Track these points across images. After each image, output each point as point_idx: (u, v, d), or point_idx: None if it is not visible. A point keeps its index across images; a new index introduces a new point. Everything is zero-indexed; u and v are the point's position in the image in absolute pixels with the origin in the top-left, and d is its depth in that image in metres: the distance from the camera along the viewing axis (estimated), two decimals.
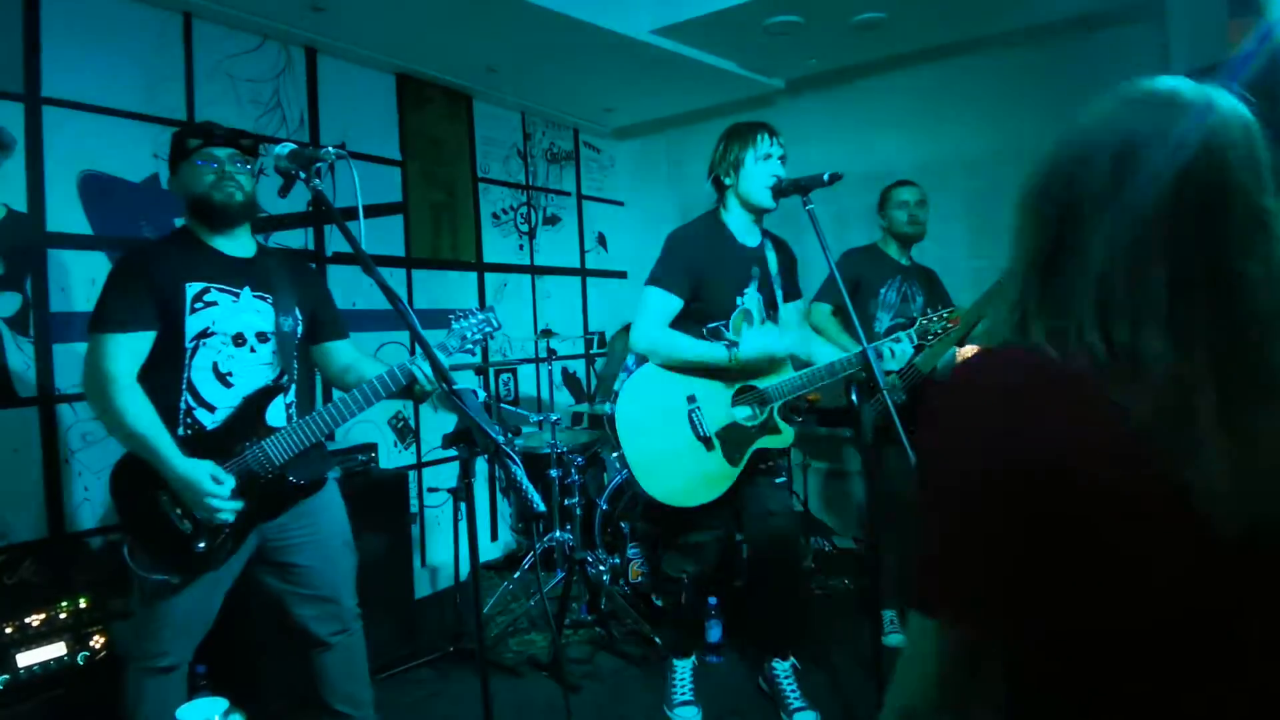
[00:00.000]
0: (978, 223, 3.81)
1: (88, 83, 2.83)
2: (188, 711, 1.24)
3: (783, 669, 2.61)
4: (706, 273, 2.44)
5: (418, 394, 1.96)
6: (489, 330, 2.12)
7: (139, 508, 1.84)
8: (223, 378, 1.92)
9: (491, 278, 4.46)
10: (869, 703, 2.28)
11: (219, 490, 1.80)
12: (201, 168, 1.91)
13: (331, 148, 1.72)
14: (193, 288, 1.90)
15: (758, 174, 2.42)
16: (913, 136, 4.03)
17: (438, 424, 4.08)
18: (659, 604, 3.31)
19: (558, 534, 3.54)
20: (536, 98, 4.49)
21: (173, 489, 1.81)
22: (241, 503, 1.85)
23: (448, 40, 3.57)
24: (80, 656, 2.38)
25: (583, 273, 5.11)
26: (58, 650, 2.34)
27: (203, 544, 1.83)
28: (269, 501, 1.93)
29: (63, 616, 2.38)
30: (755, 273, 2.53)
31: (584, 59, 3.81)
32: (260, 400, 1.93)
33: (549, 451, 3.40)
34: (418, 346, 1.68)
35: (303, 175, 1.67)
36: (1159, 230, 0.69)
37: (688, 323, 2.46)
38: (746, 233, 2.53)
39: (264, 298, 1.99)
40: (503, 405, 4.42)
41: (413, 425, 4.00)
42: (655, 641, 3.08)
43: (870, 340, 2.62)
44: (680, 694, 2.62)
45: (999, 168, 3.36)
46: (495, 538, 4.37)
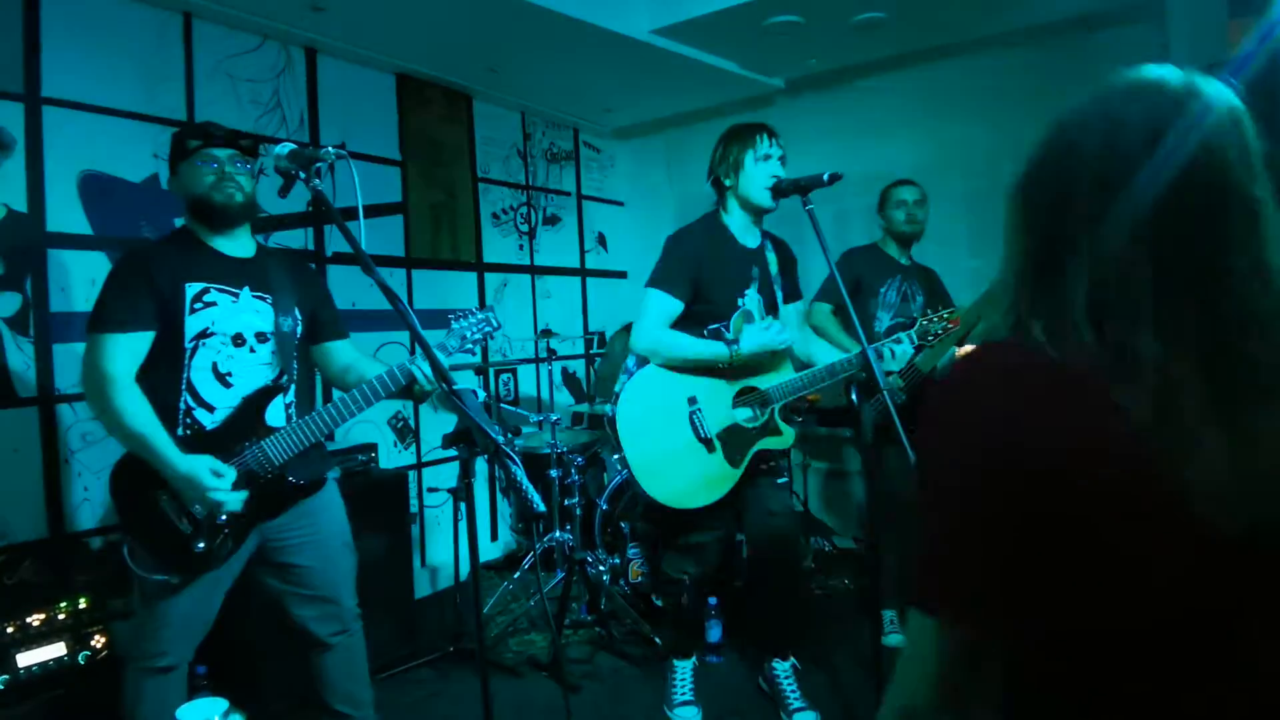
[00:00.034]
0: (978, 223, 3.81)
1: (88, 83, 2.83)
2: (187, 712, 1.24)
3: (783, 669, 2.61)
4: (707, 274, 2.44)
5: (417, 394, 1.96)
6: (489, 330, 2.12)
7: (139, 508, 1.84)
8: (222, 378, 1.92)
9: (491, 278, 4.46)
10: (869, 703, 2.28)
11: (220, 484, 1.80)
12: (201, 168, 1.91)
13: (331, 148, 1.72)
14: (192, 288, 1.90)
15: (757, 175, 2.42)
16: (913, 136, 4.03)
17: (438, 424, 4.08)
18: (659, 604, 3.31)
19: (558, 534, 3.54)
20: (536, 98, 4.49)
21: (173, 488, 1.81)
22: (246, 492, 1.85)
23: (448, 40, 3.57)
24: (80, 656, 2.38)
25: (583, 273, 5.11)
26: (58, 650, 2.34)
27: (202, 544, 1.83)
28: (268, 502, 1.93)
29: (62, 616, 2.39)
30: (755, 274, 2.53)
31: (584, 59, 3.81)
32: (260, 400, 1.93)
33: (549, 451, 3.40)
34: (417, 346, 1.68)
35: (303, 175, 1.67)
36: (1152, 230, 0.69)
37: (688, 324, 2.46)
38: (746, 234, 2.53)
39: (263, 298, 1.99)
40: (503, 405, 4.42)
41: (413, 425, 4.00)
42: (655, 641, 3.08)
43: (870, 340, 2.62)
44: (680, 694, 2.62)
45: (999, 168, 3.36)
46: (495, 538, 4.37)
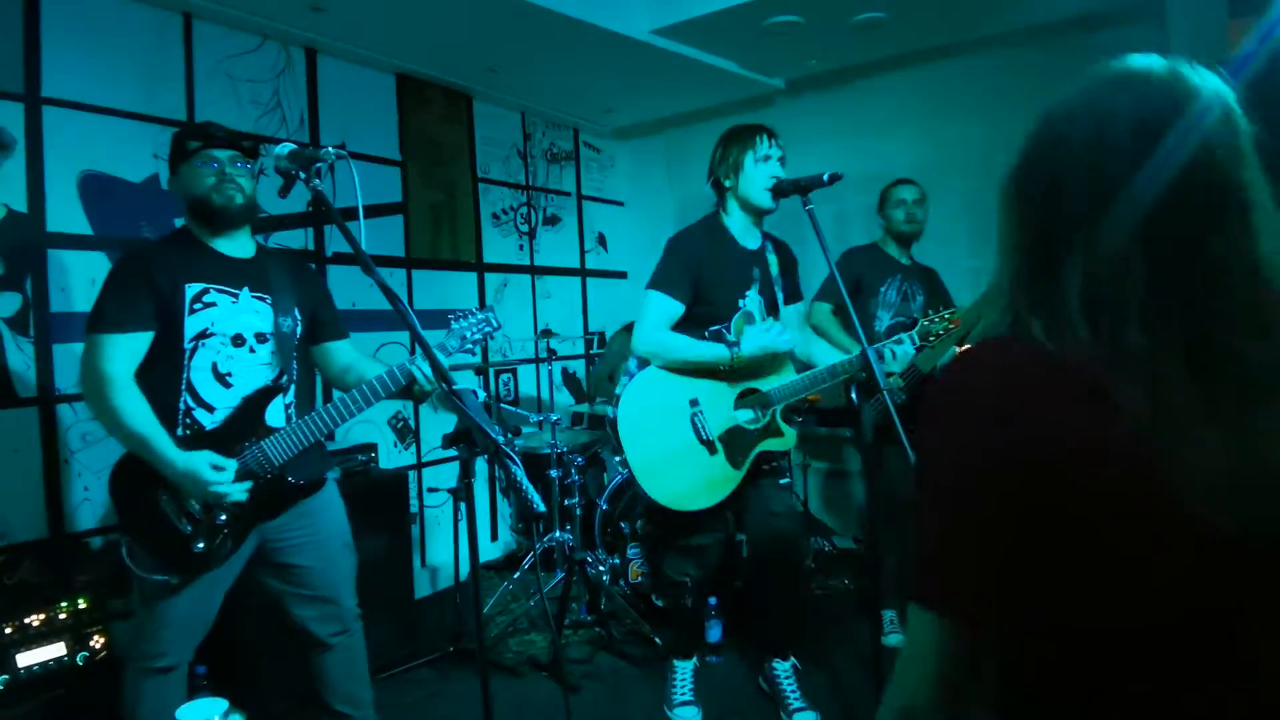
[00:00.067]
0: (978, 222, 3.81)
1: (88, 83, 2.83)
2: (187, 712, 1.24)
3: (783, 669, 2.61)
4: (707, 276, 2.44)
5: (417, 394, 1.96)
6: (489, 330, 2.12)
7: (138, 508, 1.84)
8: (222, 378, 1.92)
9: (491, 278, 4.46)
10: (869, 703, 2.28)
11: (221, 477, 1.80)
12: (202, 170, 1.90)
13: (331, 148, 1.72)
14: (192, 288, 1.90)
15: (757, 176, 2.42)
16: (913, 136, 4.03)
17: (437, 424, 4.08)
18: (659, 604, 3.31)
19: (558, 534, 3.54)
20: (536, 98, 4.49)
21: (174, 486, 1.82)
22: (250, 482, 1.85)
23: (448, 40, 3.57)
24: (80, 657, 2.38)
25: (583, 273, 5.11)
26: (57, 650, 2.34)
27: (201, 544, 1.83)
28: (268, 502, 1.93)
29: (62, 617, 2.39)
30: (756, 275, 2.53)
31: (584, 59, 3.81)
32: (259, 401, 1.93)
33: (549, 452, 3.40)
34: (417, 346, 1.68)
35: (303, 175, 1.67)
36: (1142, 223, 0.68)
37: (689, 326, 2.46)
38: (747, 235, 2.53)
39: (263, 298, 1.99)
40: (503, 405, 4.42)
41: (412, 425, 3.99)
42: (655, 641, 3.08)
43: (870, 340, 2.62)
44: (680, 694, 2.62)
45: (999, 167, 3.35)
46: (495, 538, 4.37)
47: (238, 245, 2.00)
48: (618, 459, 3.35)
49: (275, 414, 1.96)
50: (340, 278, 3.52)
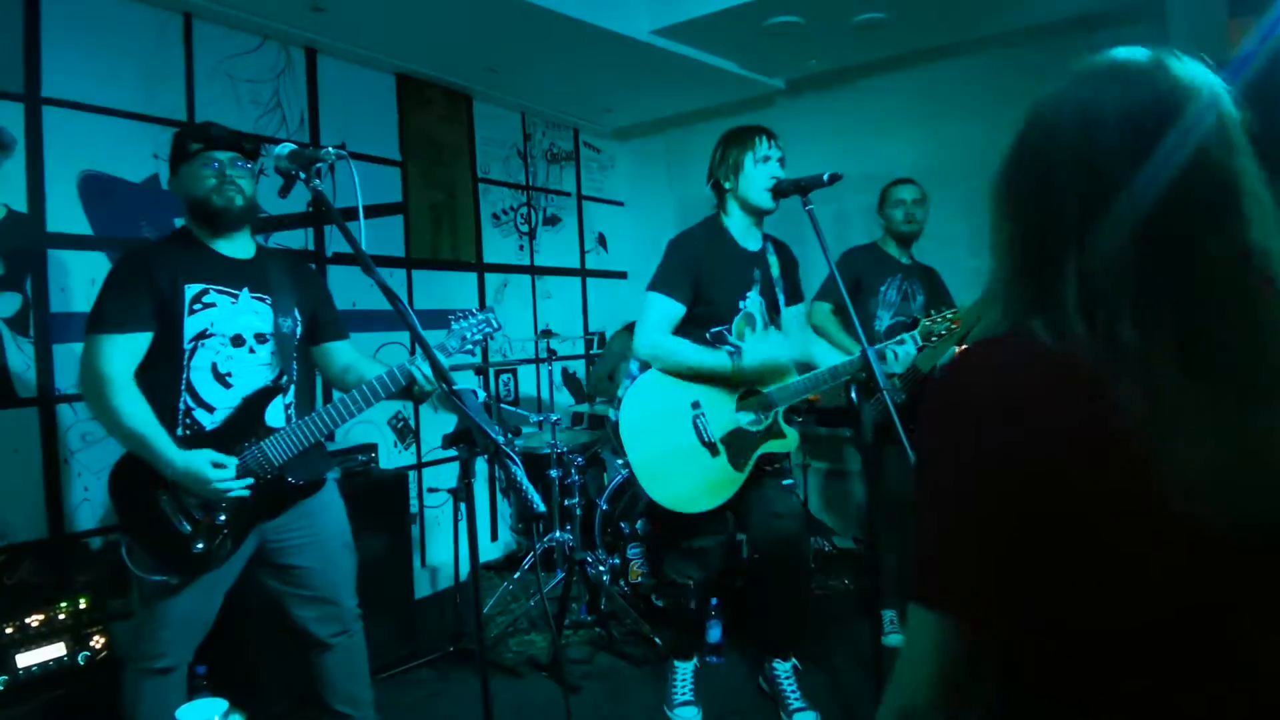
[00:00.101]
0: (978, 222, 3.75)
1: (88, 83, 2.83)
2: (187, 712, 1.24)
3: (783, 669, 2.61)
4: (708, 277, 2.44)
5: (417, 394, 1.96)
6: (489, 331, 2.12)
7: (138, 508, 1.84)
8: (222, 378, 1.92)
9: (491, 278, 4.45)
10: (869, 703, 2.28)
11: (222, 474, 1.80)
12: (202, 171, 1.90)
13: (331, 148, 1.72)
14: (191, 289, 1.90)
15: (757, 176, 2.42)
16: (913, 136, 4.03)
17: (438, 424, 4.08)
18: (659, 604, 3.31)
19: (558, 534, 3.54)
20: (536, 98, 4.49)
21: (174, 487, 1.82)
22: (250, 479, 1.85)
23: (448, 40, 3.57)
24: (80, 657, 2.38)
25: (583, 273, 5.11)
26: (57, 651, 2.34)
27: (201, 545, 1.83)
28: (268, 502, 1.93)
29: (62, 617, 2.38)
30: (757, 276, 2.53)
31: (584, 59, 3.81)
32: (259, 401, 1.93)
33: (549, 452, 3.40)
34: (417, 347, 1.68)
35: (303, 176, 1.67)
36: (1133, 217, 0.68)
37: (690, 327, 2.45)
38: (747, 236, 2.53)
39: (263, 299, 1.99)
40: (503, 405, 4.42)
41: (413, 425, 3.99)
42: (655, 641, 3.08)
43: (870, 339, 2.62)
44: (680, 694, 2.62)
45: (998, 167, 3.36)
46: (495, 538, 4.37)
47: (238, 246, 2.00)
48: (620, 461, 3.36)
49: (275, 414, 1.96)
50: (340, 278, 3.52)
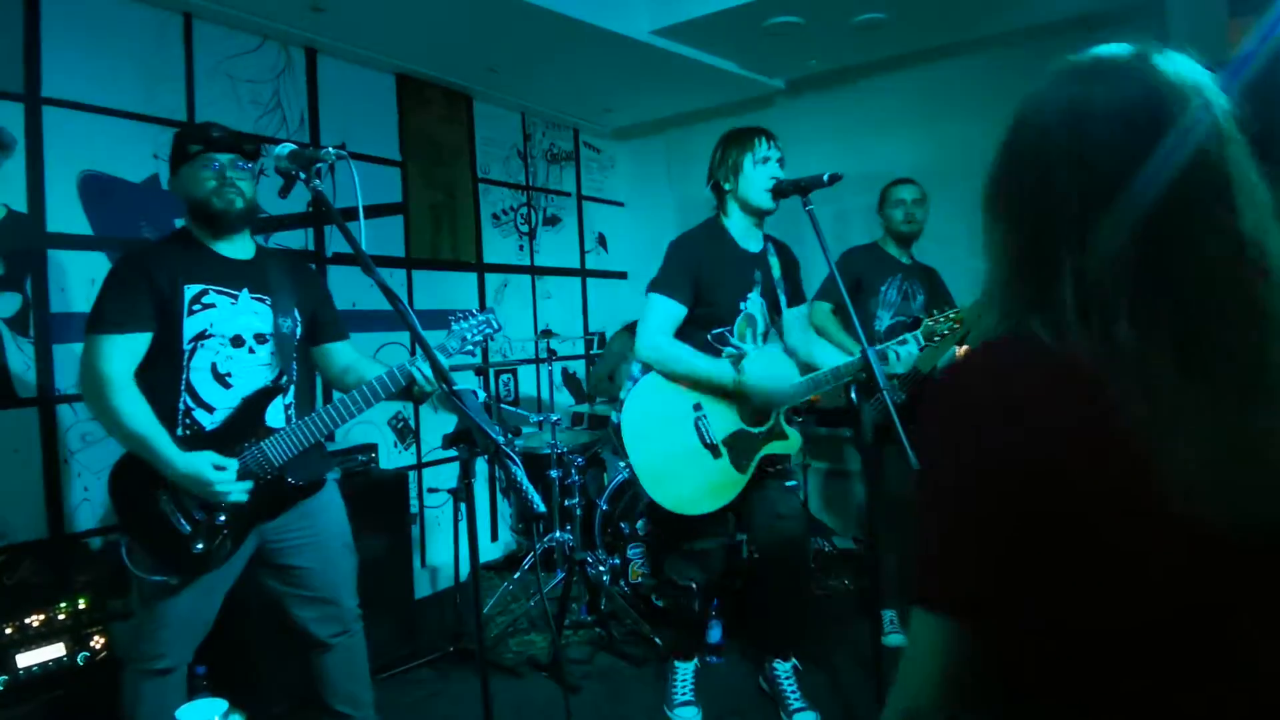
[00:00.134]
0: (978, 222, 3.77)
1: (88, 83, 2.83)
2: (187, 712, 1.24)
3: (784, 669, 2.61)
4: (708, 277, 2.43)
5: (417, 395, 1.96)
6: (489, 332, 2.12)
7: (137, 509, 1.84)
8: (221, 379, 1.91)
9: (491, 278, 4.45)
10: (869, 703, 2.28)
11: (223, 476, 1.80)
12: (203, 173, 1.90)
13: (331, 148, 1.72)
14: (191, 289, 1.90)
15: (756, 177, 2.42)
16: (913, 136, 4.03)
17: (438, 424, 4.08)
18: (659, 604, 3.31)
19: (558, 534, 3.54)
20: (536, 98, 4.49)
21: (174, 487, 1.81)
22: (250, 482, 1.85)
23: (448, 40, 3.57)
24: (80, 657, 2.37)
25: (583, 273, 5.11)
26: (57, 651, 2.34)
27: (200, 545, 1.82)
28: (268, 503, 1.93)
29: (62, 617, 2.38)
30: (758, 277, 2.52)
31: (584, 59, 3.81)
32: (259, 401, 1.93)
33: (549, 452, 3.40)
34: (418, 347, 1.69)
35: (303, 176, 1.67)
36: (1134, 225, 0.68)
37: (691, 329, 2.45)
38: (748, 237, 2.53)
39: (262, 299, 1.99)
40: (503, 406, 4.42)
41: (413, 426, 3.99)
42: (655, 642, 3.08)
43: (870, 339, 2.62)
44: (681, 694, 2.62)
45: None
46: (495, 538, 4.37)
47: (238, 247, 2.00)
48: (622, 463, 3.35)
49: (275, 415, 1.96)
50: (340, 278, 3.52)
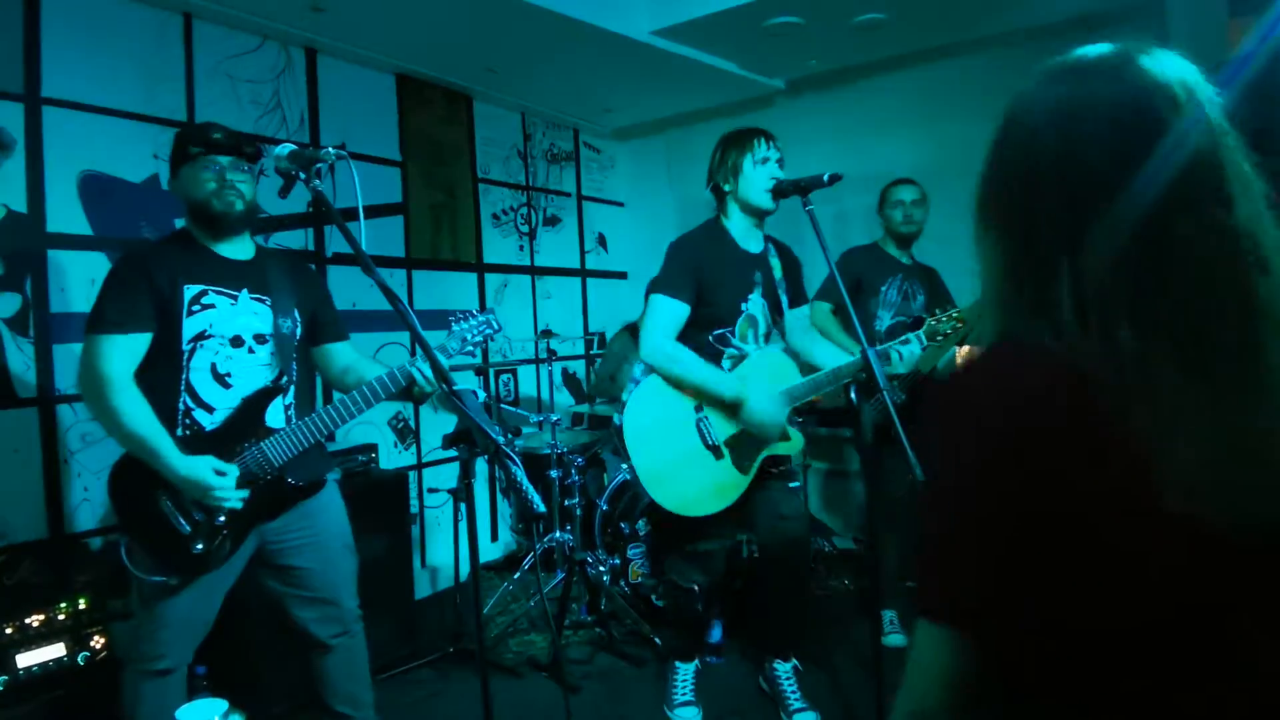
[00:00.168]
0: None
1: (88, 83, 2.83)
2: (187, 712, 1.24)
3: (784, 670, 2.61)
4: (709, 277, 2.43)
5: (417, 395, 1.96)
6: (489, 332, 2.12)
7: (137, 509, 1.84)
8: (221, 379, 1.91)
9: (492, 278, 4.45)
10: (869, 703, 2.27)
11: (224, 482, 1.80)
12: (203, 175, 1.90)
13: (331, 148, 1.72)
14: (190, 289, 1.89)
15: (756, 178, 2.42)
16: (913, 136, 4.03)
17: (438, 425, 4.08)
18: (659, 604, 3.31)
19: (558, 534, 3.54)
20: (536, 98, 4.49)
21: (173, 489, 1.81)
22: (248, 490, 1.85)
23: (448, 40, 3.57)
24: (80, 657, 2.37)
25: (583, 273, 5.11)
26: (57, 651, 2.34)
27: (200, 545, 1.82)
28: (268, 503, 1.93)
29: (62, 617, 2.38)
30: (759, 278, 2.52)
31: (584, 59, 3.81)
32: (259, 401, 1.93)
33: (549, 452, 3.40)
34: (418, 348, 1.69)
35: (303, 176, 1.67)
36: (1129, 226, 0.67)
37: (693, 330, 2.44)
38: (748, 238, 2.53)
39: (262, 300, 1.99)
40: (503, 406, 4.42)
41: (413, 426, 3.99)
42: (655, 642, 3.08)
43: (870, 340, 2.61)
44: (681, 694, 2.62)
45: None
46: (495, 538, 4.37)
47: (238, 248, 2.00)
48: (623, 464, 3.35)
49: (275, 415, 1.96)
50: (340, 278, 3.52)
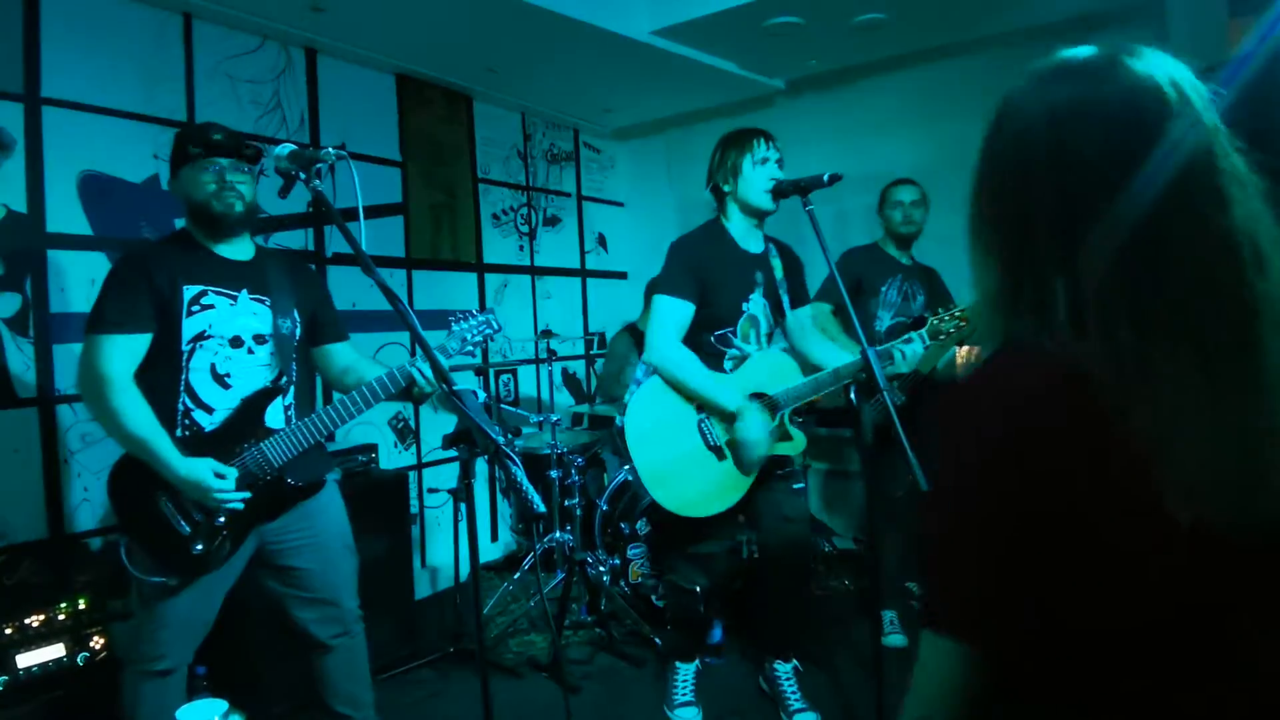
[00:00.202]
0: None
1: (88, 83, 2.82)
2: (188, 713, 1.24)
3: (784, 670, 2.61)
4: (711, 277, 2.43)
5: (417, 395, 1.96)
6: (489, 332, 2.12)
7: (137, 509, 1.84)
8: (221, 379, 1.91)
9: (492, 278, 4.45)
10: (869, 704, 2.27)
11: (223, 484, 1.80)
12: (202, 176, 1.90)
13: (331, 148, 1.72)
14: (190, 290, 1.90)
15: (755, 179, 2.42)
16: (913, 136, 4.03)
17: (438, 425, 4.08)
18: (659, 604, 3.31)
19: (558, 535, 3.54)
20: (536, 98, 4.49)
21: (173, 489, 1.81)
22: (249, 492, 1.85)
23: (448, 40, 3.57)
24: (80, 657, 2.37)
25: (583, 273, 5.11)
26: (57, 651, 2.34)
27: (200, 546, 1.82)
28: (267, 504, 1.92)
29: (62, 617, 2.38)
30: (760, 279, 2.52)
31: (584, 59, 3.81)
32: (259, 402, 1.93)
33: (549, 452, 3.40)
34: (418, 348, 1.69)
35: (303, 176, 1.67)
36: (1125, 228, 0.67)
37: (694, 330, 2.44)
38: (749, 238, 2.53)
39: (262, 300, 1.99)
40: (503, 406, 4.42)
41: (413, 426, 3.99)
42: (655, 642, 3.08)
43: (870, 340, 2.61)
44: (681, 695, 2.62)
45: None
46: (495, 538, 4.37)
47: (237, 248, 2.00)
48: (625, 465, 3.35)
49: (275, 415, 1.96)
50: (340, 278, 3.51)
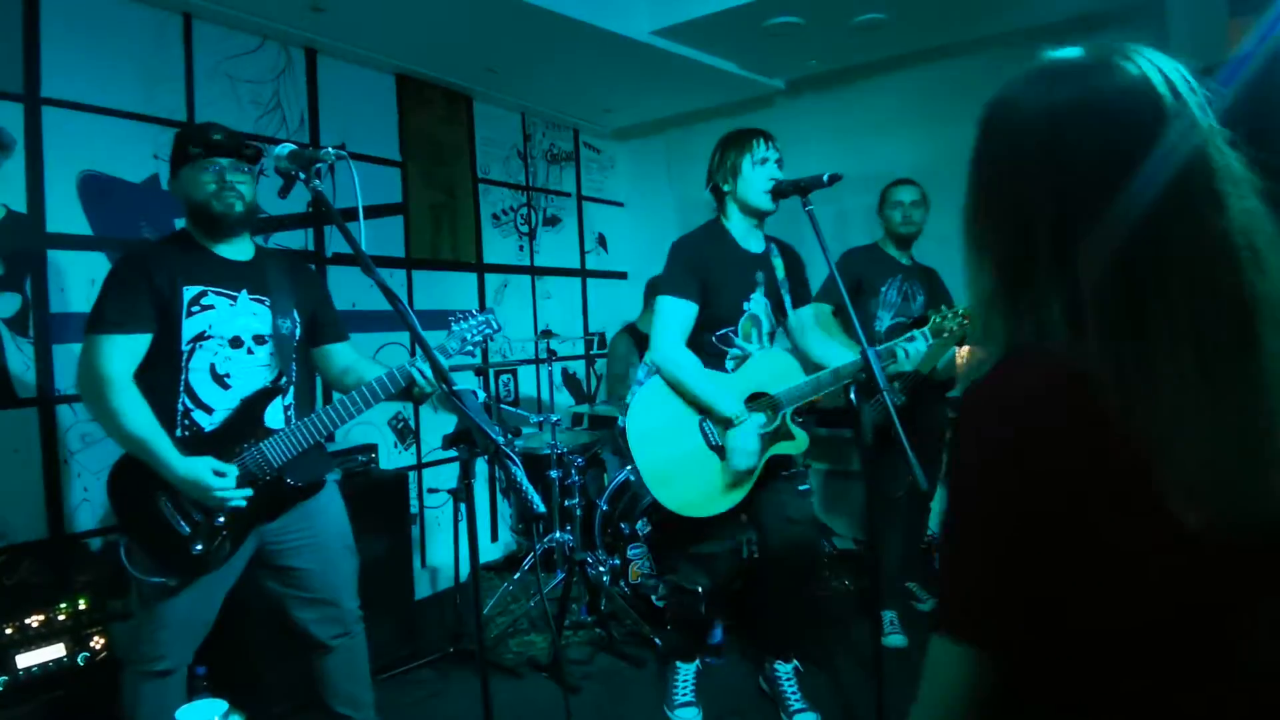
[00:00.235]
0: None
1: (87, 83, 2.82)
2: (187, 713, 1.24)
3: (784, 670, 2.61)
4: (712, 276, 2.43)
5: (417, 395, 1.96)
6: (489, 332, 2.12)
7: (137, 510, 1.84)
8: (220, 379, 1.91)
9: (491, 278, 4.45)
10: (869, 704, 2.27)
11: (224, 483, 1.80)
12: (202, 176, 1.90)
13: (331, 148, 1.71)
14: (190, 290, 1.90)
15: (755, 179, 2.42)
16: (913, 136, 4.03)
17: (438, 425, 4.08)
18: (659, 604, 3.31)
19: (558, 535, 3.54)
20: (536, 98, 4.49)
21: (173, 489, 1.81)
22: (250, 489, 1.85)
23: (448, 40, 3.57)
24: (80, 658, 2.37)
25: (583, 273, 5.11)
26: (57, 651, 2.34)
27: (200, 546, 1.82)
28: (267, 504, 1.92)
29: (62, 618, 2.38)
30: (760, 278, 2.52)
31: (584, 60, 3.81)
32: (258, 402, 1.93)
33: (549, 452, 3.40)
34: (418, 348, 1.69)
35: (302, 176, 1.67)
36: (1122, 230, 0.67)
37: (696, 330, 2.44)
38: (749, 238, 2.53)
39: (261, 300, 1.99)
40: (503, 406, 4.42)
41: (413, 426, 3.99)
42: (655, 642, 3.07)
43: (871, 340, 2.61)
44: (681, 695, 2.62)
45: None
46: (495, 538, 4.37)
47: (237, 249, 2.00)
48: (627, 467, 3.35)
49: (274, 416, 1.96)
50: (340, 278, 3.51)
